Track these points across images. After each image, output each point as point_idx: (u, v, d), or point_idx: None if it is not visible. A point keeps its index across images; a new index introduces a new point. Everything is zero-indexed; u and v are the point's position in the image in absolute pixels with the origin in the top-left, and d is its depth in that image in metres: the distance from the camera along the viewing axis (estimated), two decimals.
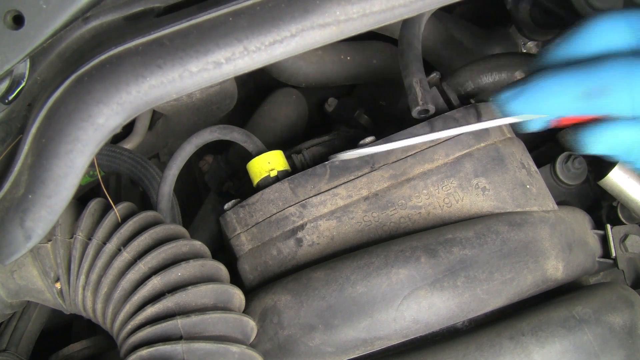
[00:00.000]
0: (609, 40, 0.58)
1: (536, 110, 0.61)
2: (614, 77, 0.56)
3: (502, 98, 0.63)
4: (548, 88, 0.59)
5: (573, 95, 0.58)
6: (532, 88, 0.60)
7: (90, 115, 0.54)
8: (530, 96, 0.60)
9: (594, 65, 0.57)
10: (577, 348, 0.64)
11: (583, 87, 0.57)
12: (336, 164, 0.75)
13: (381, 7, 0.52)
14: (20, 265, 0.72)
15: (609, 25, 0.58)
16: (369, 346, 0.66)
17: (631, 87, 0.55)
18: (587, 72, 0.58)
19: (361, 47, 1.17)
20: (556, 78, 0.59)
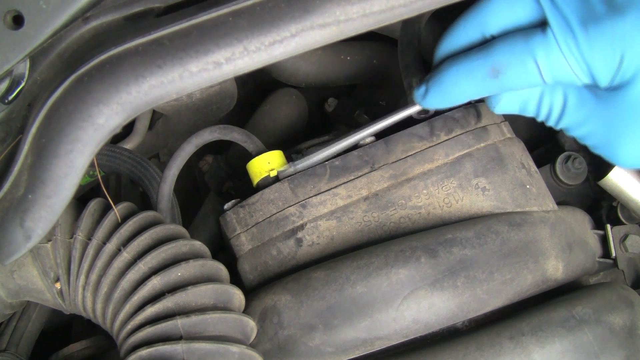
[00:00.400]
0: (511, 15, 0.58)
1: (450, 100, 0.63)
2: (507, 55, 0.57)
3: (416, 95, 0.66)
4: (454, 77, 0.61)
5: (478, 78, 0.59)
6: (440, 79, 0.62)
7: (90, 115, 0.54)
8: (440, 88, 0.62)
9: (492, 46, 0.58)
10: (577, 348, 0.64)
11: (485, 69, 0.58)
12: (336, 164, 0.75)
13: (381, 7, 0.52)
14: (20, 265, 0.72)
15: (511, 1, 0.58)
16: (369, 346, 0.66)
17: (524, 62, 0.56)
18: (486, 54, 0.58)
19: (361, 47, 1.17)
20: (459, 65, 0.60)
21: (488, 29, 0.59)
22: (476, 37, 0.61)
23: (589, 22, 0.53)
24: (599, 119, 0.58)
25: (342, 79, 1.18)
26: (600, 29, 0.52)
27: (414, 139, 0.74)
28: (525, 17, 0.57)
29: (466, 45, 0.62)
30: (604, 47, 0.53)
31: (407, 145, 0.74)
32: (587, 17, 0.53)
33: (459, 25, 0.61)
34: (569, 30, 0.54)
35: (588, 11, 0.53)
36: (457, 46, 0.62)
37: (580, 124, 0.60)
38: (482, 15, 0.59)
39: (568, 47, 0.54)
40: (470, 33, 0.61)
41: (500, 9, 0.58)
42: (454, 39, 0.62)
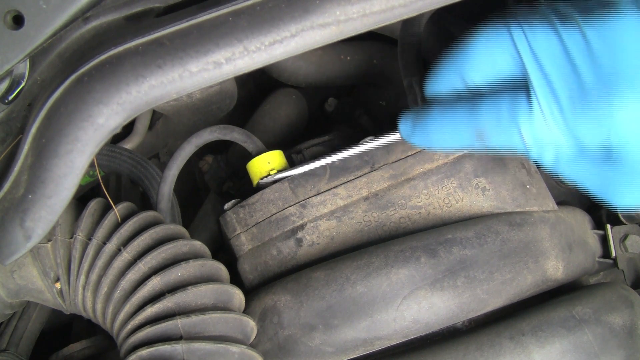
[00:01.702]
0: (493, 68, 0.55)
1: (435, 147, 0.62)
2: (492, 121, 0.55)
3: (401, 130, 0.64)
4: (439, 127, 0.59)
5: (463, 137, 0.57)
6: (426, 127, 0.60)
7: (90, 115, 0.54)
8: (425, 135, 0.61)
9: (477, 107, 0.56)
10: (577, 348, 0.64)
11: (469, 130, 0.57)
12: (336, 164, 0.75)
13: (381, 7, 0.52)
14: (20, 265, 0.72)
15: (490, 52, 0.55)
16: (369, 346, 0.66)
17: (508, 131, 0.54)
18: (470, 114, 0.56)
19: (361, 47, 1.17)
20: (444, 119, 0.59)
21: (470, 78, 0.57)
22: (459, 84, 0.58)
23: (576, 95, 0.50)
24: (593, 174, 0.55)
25: (342, 79, 1.18)
26: (587, 107, 0.50)
27: None
28: (508, 70, 0.54)
29: (451, 92, 0.59)
30: (590, 124, 0.50)
31: (407, 145, 0.74)
32: (574, 89, 0.50)
33: (441, 69, 0.59)
34: (556, 103, 0.51)
35: (576, 81, 0.50)
36: (442, 90, 0.60)
37: (574, 175, 0.57)
38: (461, 63, 0.57)
39: (555, 120, 0.51)
40: (452, 80, 0.58)
41: (479, 59, 0.56)
42: (437, 81, 0.60)
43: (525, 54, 0.52)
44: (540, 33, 0.52)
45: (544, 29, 0.52)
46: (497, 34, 0.54)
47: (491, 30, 0.55)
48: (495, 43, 0.54)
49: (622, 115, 0.49)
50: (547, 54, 0.51)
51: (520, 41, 0.53)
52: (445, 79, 0.59)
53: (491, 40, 0.54)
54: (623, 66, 0.49)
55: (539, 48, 0.52)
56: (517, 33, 0.53)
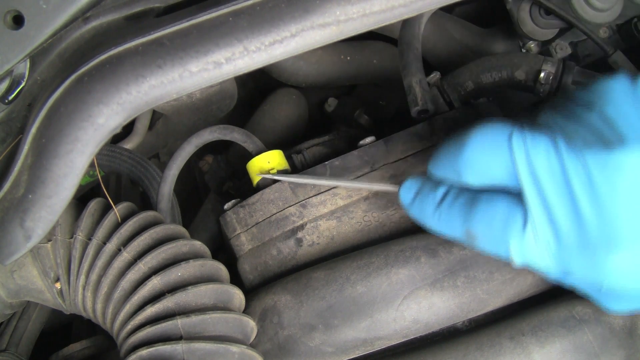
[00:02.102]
0: (489, 175, 0.52)
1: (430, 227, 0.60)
2: (483, 230, 0.53)
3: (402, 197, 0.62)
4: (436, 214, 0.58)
5: (455, 231, 0.56)
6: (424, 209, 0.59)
7: (90, 115, 0.54)
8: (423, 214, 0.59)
9: (472, 211, 0.54)
10: (577, 348, 0.64)
11: (462, 229, 0.55)
12: (336, 164, 0.75)
13: (381, 7, 0.52)
14: (20, 265, 0.72)
15: (487, 159, 0.52)
16: (369, 346, 0.66)
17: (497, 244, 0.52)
18: (465, 215, 0.55)
19: (361, 47, 1.17)
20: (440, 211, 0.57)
21: (465, 178, 0.54)
22: (455, 178, 0.56)
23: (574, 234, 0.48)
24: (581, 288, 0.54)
25: (342, 79, 1.18)
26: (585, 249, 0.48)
27: (414, 138, 0.74)
28: (503, 179, 0.52)
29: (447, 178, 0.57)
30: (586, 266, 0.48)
31: (407, 144, 0.74)
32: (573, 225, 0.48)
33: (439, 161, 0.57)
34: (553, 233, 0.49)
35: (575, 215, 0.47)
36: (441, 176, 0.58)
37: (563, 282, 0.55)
38: (457, 161, 0.54)
39: (548, 251, 0.50)
40: (449, 173, 0.56)
41: (474, 161, 0.53)
42: (437, 170, 0.58)
43: (523, 170, 0.50)
44: (542, 150, 0.49)
45: (547, 147, 0.49)
46: (496, 139, 0.51)
47: (490, 134, 0.52)
48: (492, 149, 0.51)
49: (619, 263, 0.47)
50: (546, 176, 0.48)
51: (519, 154, 0.50)
52: (442, 171, 0.57)
53: (488, 145, 0.52)
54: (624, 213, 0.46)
55: (539, 167, 0.49)
56: (518, 144, 0.50)
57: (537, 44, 0.98)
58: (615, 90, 0.51)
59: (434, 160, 0.58)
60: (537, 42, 0.98)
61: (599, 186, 0.46)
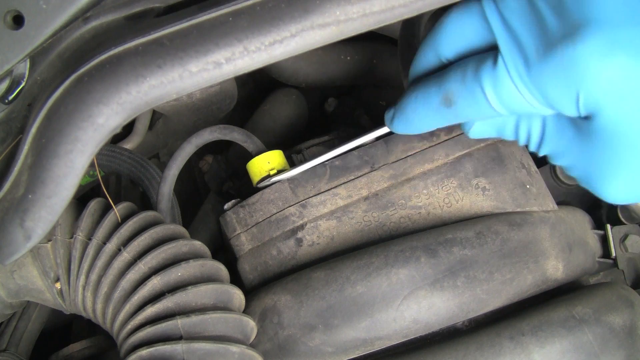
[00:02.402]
0: (463, 38, 0.53)
1: (414, 127, 0.60)
2: (457, 84, 0.53)
3: (386, 118, 0.63)
4: (413, 104, 0.57)
5: (434, 107, 0.56)
6: (403, 106, 0.59)
7: (90, 115, 0.54)
8: (404, 115, 0.59)
9: (445, 73, 0.54)
10: (577, 348, 0.64)
11: (438, 97, 0.55)
12: (336, 164, 0.75)
13: (381, 7, 0.52)
14: (20, 265, 0.72)
15: (460, 22, 0.53)
16: (369, 346, 0.66)
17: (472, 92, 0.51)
18: (439, 82, 0.55)
19: (361, 47, 1.17)
20: (417, 92, 0.57)
21: (443, 53, 0.56)
22: (434, 62, 0.57)
23: (542, 47, 0.46)
24: (579, 151, 0.51)
25: (342, 79, 1.18)
26: (552, 56, 0.45)
27: (414, 138, 0.74)
28: (479, 40, 0.53)
29: (427, 70, 0.58)
30: (557, 78, 0.45)
31: (407, 145, 0.74)
32: (540, 41, 0.46)
33: (419, 50, 0.58)
34: (521, 57, 0.47)
35: (542, 33, 0.46)
36: (420, 71, 0.59)
37: (561, 154, 0.53)
38: (435, 39, 0.56)
39: (520, 77, 0.48)
40: (429, 58, 0.57)
41: (451, 32, 0.54)
42: (417, 63, 0.59)
43: (493, 18, 0.50)
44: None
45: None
46: (468, 5, 0.53)
47: (463, 4, 0.53)
48: (465, 14, 0.53)
49: (591, 65, 0.43)
50: (514, 13, 0.48)
51: (489, 7, 0.51)
52: (423, 60, 0.58)
53: (462, 13, 0.53)
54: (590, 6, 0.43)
55: (507, 9, 0.49)
56: (487, 1, 0.51)
57: None
58: None
59: (415, 58, 0.59)
60: None
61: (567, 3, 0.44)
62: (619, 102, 0.44)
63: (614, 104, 0.44)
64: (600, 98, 0.44)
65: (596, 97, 0.44)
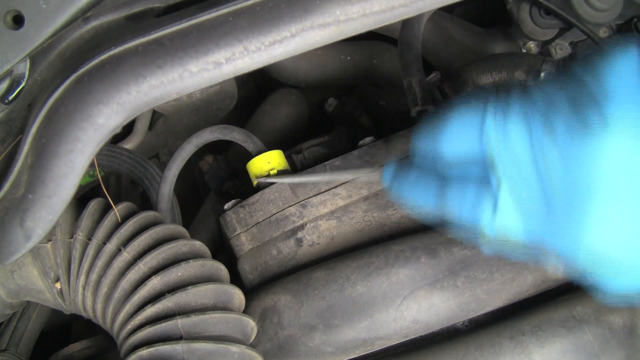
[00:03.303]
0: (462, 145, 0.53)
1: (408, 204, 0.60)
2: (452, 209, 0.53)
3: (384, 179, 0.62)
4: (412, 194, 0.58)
5: (431, 209, 0.56)
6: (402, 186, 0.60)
7: (90, 115, 0.54)
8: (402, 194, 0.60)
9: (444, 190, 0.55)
10: (577, 348, 0.64)
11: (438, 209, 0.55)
12: (336, 164, 0.75)
13: (381, 7, 0.52)
14: (20, 265, 0.72)
15: (460, 130, 0.52)
16: (369, 346, 0.66)
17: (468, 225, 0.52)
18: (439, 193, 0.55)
19: (361, 47, 1.17)
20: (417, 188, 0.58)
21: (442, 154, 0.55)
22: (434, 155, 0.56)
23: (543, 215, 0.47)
24: None
25: (342, 79, 1.18)
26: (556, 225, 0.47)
27: None
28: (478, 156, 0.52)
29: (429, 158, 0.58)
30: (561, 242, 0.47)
31: (407, 144, 0.74)
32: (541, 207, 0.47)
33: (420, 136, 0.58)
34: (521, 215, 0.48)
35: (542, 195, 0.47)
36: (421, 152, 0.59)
37: None
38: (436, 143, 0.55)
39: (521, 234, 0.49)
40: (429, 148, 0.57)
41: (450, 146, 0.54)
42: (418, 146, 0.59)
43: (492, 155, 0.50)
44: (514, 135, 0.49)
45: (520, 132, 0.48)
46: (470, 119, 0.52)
47: (465, 114, 0.52)
48: (466, 133, 0.52)
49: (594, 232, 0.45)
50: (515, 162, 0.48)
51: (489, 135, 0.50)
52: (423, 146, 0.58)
53: (463, 129, 0.52)
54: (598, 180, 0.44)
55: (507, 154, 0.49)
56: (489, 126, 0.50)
57: (537, 44, 0.98)
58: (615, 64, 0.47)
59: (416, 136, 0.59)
60: (537, 42, 0.98)
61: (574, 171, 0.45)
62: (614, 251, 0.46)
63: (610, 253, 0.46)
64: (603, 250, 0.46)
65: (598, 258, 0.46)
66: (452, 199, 0.54)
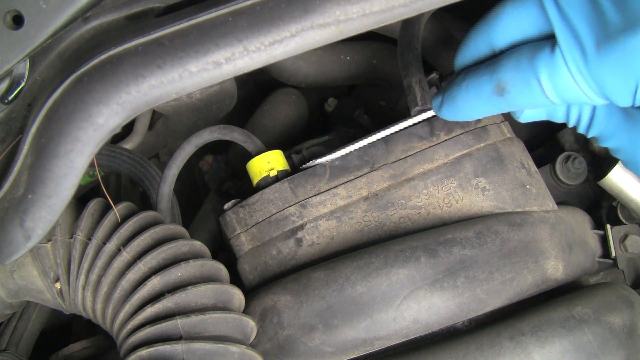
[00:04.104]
0: (518, 27, 0.54)
1: (463, 115, 0.61)
2: (511, 73, 0.54)
3: (434, 105, 0.64)
4: (464, 92, 0.58)
5: (485, 96, 0.56)
6: (452, 94, 0.60)
7: (90, 115, 0.54)
8: (453, 103, 0.60)
9: (498, 62, 0.55)
10: (577, 348, 0.64)
11: (490, 86, 0.55)
12: (336, 164, 0.75)
13: (381, 7, 0.52)
14: (20, 265, 0.72)
15: (516, 11, 0.54)
16: (369, 346, 0.66)
17: (527, 81, 0.52)
18: (491, 70, 0.55)
19: (361, 47, 1.17)
20: (468, 81, 0.58)
21: (496, 43, 0.56)
22: (486, 50, 0.58)
23: (601, 39, 0.47)
24: (627, 135, 0.54)
25: (342, 79, 1.18)
26: (612, 48, 0.46)
27: (414, 138, 0.74)
28: (534, 30, 0.53)
29: (478, 58, 0.59)
30: (616, 69, 0.47)
31: (407, 145, 0.74)
32: (599, 33, 0.47)
33: (469, 39, 0.59)
34: (579, 48, 0.48)
35: (601, 25, 0.47)
36: (470, 59, 0.60)
37: (609, 137, 0.57)
38: (489, 29, 0.56)
39: (578, 68, 0.49)
40: (480, 47, 0.58)
41: (506, 22, 0.55)
42: (466, 52, 0.60)
43: (551, 9, 0.51)
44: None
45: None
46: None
47: None
48: (522, 4, 0.53)
49: None
50: (572, 4, 0.49)
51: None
52: (473, 49, 0.58)
53: (518, 3, 0.54)
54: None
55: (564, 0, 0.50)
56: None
57: None
58: None
59: (463, 46, 0.59)
60: None
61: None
62: None
63: None
64: None
65: None
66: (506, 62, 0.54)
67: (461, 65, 0.61)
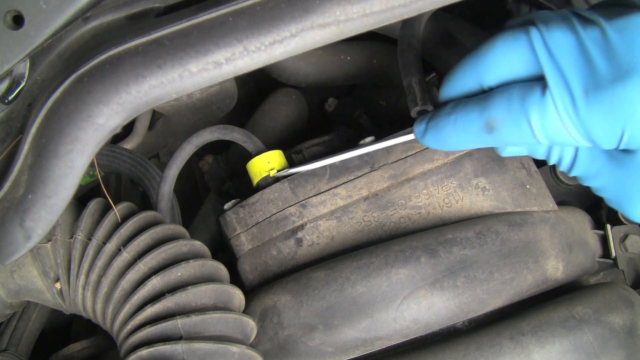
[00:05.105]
0: (508, 66, 0.55)
1: (448, 146, 0.61)
2: (502, 112, 0.54)
3: (416, 131, 0.64)
4: (452, 126, 0.59)
5: (474, 131, 0.57)
6: (438, 125, 0.60)
7: (90, 115, 0.54)
8: (438, 133, 0.60)
9: (488, 99, 0.56)
10: (577, 348, 0.64)
11: (480, 123, 0.56)
12: (336, 164, 0.75)
13: (381, 7, 0.52)
14: (20, 265, 0.72)
15: (508, 50, 0.54)
16: (369, 346, 0.66)
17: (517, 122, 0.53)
18: (481, 107, 0.56)
19: (361, 47, 1.17)
20: (457, 115, 0.58)
21: (485, 80, 0.57)
22: (474, 86, 0.58)
23: (590, 87, 0.49)
24: (611, 176, 0.56)
25: (342, 79, 1.18)
26: (601, 96, 0.48)
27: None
28: (524, 70, 0.54)
29: (465, 92, 0.59)
30: (604, 116, 0.49)
31: (407, 145, 0.74)
32: (588, 81, 0.49)
33: (457, 72, 0.59)
34: (569, 94, 0.50)
35: (590, 73, 0.49)
36: (456, 92, 0.60)
37: (592, 177, 0.58)
38: (478, 66, 0.56)
39: (567, 113, 0.50)
40: (468, 82, 0.58)
41: (496, 59, 0.55)
42: (453, 85, 0.60)
43: (541, 52, 0.52)
44: (557, 32, 0.51)
45: (562, 28, 0.51)
46: (516, 37, 0.54)
47: (510, 34, 0.54)
48: (513, 46, 0.54)
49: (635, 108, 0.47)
50: (563, 50, 0.51)
51: (537, 41, 0.52)
52: (461, 83, 0.59)
53: (509, 44, 0.54)
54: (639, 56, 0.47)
55: (556, 45, 0.51)
56: (535, 34, 0.52)
57: None
58: None
59: (451, 78, 0.60)
60: None
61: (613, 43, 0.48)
62: None
63: None
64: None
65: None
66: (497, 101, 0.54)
67: (447, 97, 0.61)
